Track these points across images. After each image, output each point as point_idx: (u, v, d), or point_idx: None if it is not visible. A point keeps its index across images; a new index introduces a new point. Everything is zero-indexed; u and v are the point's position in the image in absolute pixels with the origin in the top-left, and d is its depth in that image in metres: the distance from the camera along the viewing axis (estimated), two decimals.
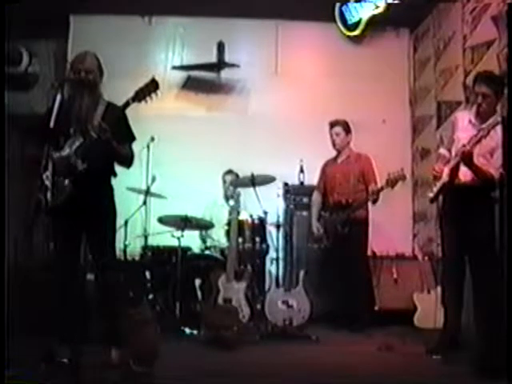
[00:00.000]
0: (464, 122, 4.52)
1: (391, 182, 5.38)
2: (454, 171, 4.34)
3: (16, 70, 6.92)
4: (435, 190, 4.48)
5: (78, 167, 3.79)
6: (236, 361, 4.40)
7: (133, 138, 4.14)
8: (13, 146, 4.38)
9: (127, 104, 3.82)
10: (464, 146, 4.21)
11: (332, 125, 5.97)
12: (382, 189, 5.53)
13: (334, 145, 5.99)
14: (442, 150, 4.70)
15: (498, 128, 4.06)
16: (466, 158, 4.21)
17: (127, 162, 4.13)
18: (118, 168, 4.13)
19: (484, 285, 4.27)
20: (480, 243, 4.34)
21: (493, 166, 4.22)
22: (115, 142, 3.85)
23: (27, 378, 3.31)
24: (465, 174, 4.35)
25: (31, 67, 7.01)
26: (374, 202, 5.68)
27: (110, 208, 4.07)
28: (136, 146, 4.19)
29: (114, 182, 4.12)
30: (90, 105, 3.90)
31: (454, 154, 4.41)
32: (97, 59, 4.04)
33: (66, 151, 3.80)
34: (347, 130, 5.97)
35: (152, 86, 3.81)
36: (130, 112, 4.00)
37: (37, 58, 7.08)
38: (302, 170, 6.67)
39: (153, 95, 3.81)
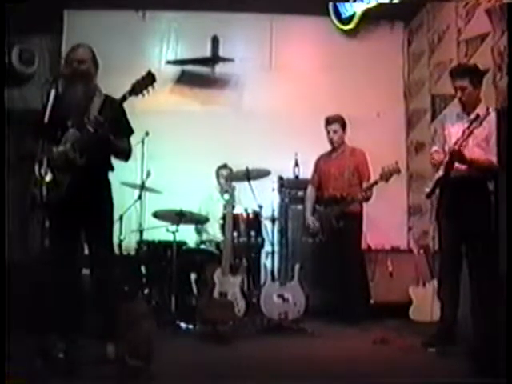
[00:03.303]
0: (452, 118, 4.56)
1: (385, 176, 5.38)
2: (449, 166, 4.32)
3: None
4: (431, 185, 4.49)
5: (77, 162, 3.76)
6: (232, 355, 4.41)
7: (131, 132, 4.12)
8: (7, 142, 4.36)
9: (124, 98, 3.79)
10: (456, 142, 4.22)
11: (329, 122, 5.94)
12: (376, 183, 5.53)
13: (332, 142, 5.98)
14: (436, 148, 4.68)
15: (489, 116, 4.08)
16: (458, 156, 4.22)
17: (125, 155, 4.11)
18: (113, 162, 4.12)
19: (481, 278, 4.27)
20: (477, 236, 4.34)
21: (491, 153, 4.21)
22: (113, 136, 3.83)
23: (23, 373, 3.31)
24: (461, 166, 4.33)
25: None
26: (367, 200, 5.69)
27: (107, 202, 4.06)
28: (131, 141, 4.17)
29: (109, 176, 4.11)
30: (85, 96, 3.88)
31: (447, 149, 4.41)
32: (91, 51, 4.01)
33: (64, 146, 3.77)
34: (344, 125, 5.96)
35: (148, 79, 3.77)
36: (125, 107, 4.00)
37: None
38: (296, 164, 6.65)
39: (150, 88, 3.78)
